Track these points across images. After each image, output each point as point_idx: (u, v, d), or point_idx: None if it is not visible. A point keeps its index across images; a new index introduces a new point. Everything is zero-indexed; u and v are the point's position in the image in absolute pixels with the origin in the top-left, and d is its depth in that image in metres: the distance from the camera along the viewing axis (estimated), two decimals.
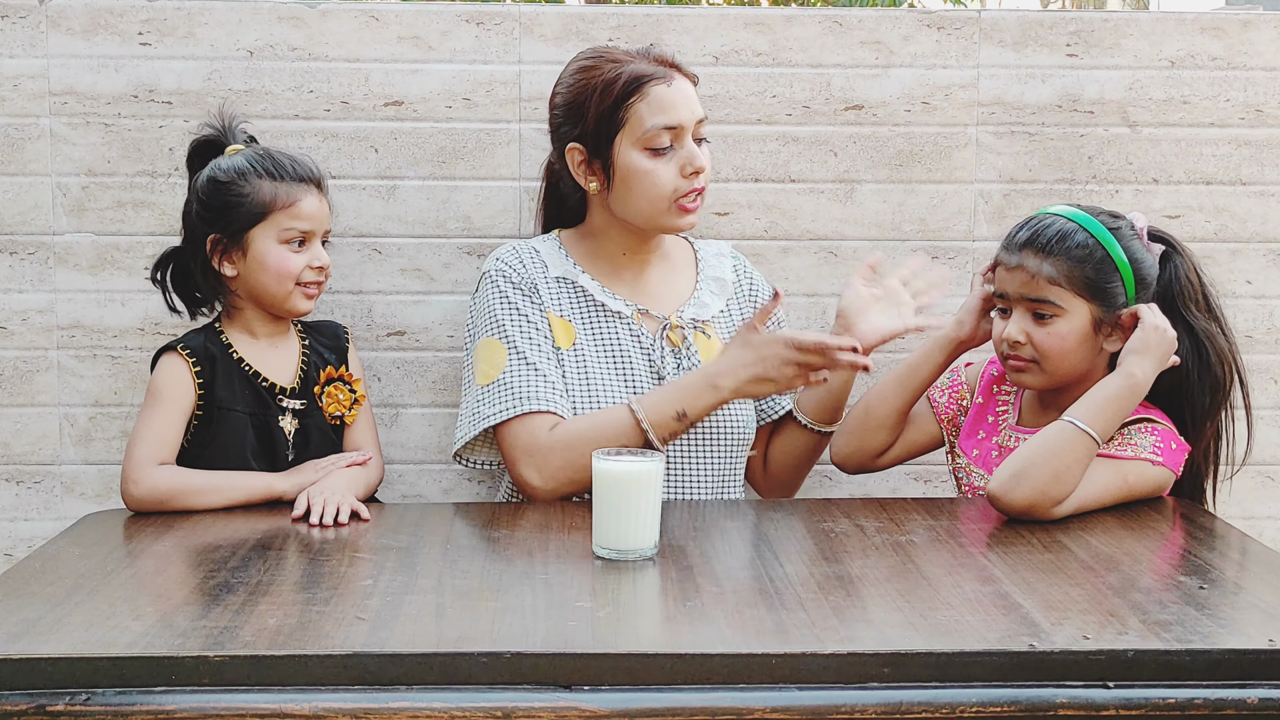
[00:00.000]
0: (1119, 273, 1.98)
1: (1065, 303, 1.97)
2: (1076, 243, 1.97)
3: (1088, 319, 1.98)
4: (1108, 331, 2.00)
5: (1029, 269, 1.98)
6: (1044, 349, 1.99)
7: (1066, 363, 2.00)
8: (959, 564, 1.68)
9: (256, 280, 2.11)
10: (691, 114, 2.10)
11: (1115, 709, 1.35)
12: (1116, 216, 2.04)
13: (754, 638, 1.40)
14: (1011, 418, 2.12)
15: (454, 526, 1.90)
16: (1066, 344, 1.98)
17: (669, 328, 2.16)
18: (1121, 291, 1.98)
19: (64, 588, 1.57)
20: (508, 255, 2.17)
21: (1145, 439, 1.96)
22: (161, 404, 2.08)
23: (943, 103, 2.49)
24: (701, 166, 2.10)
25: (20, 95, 2.42)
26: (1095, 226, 1.99)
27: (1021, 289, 1.99)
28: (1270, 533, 2.56)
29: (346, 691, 1.33)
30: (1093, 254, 1.97)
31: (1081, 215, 2.01)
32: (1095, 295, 1.97)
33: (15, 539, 2.49)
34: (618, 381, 2.12)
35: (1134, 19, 2.52)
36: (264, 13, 2.43)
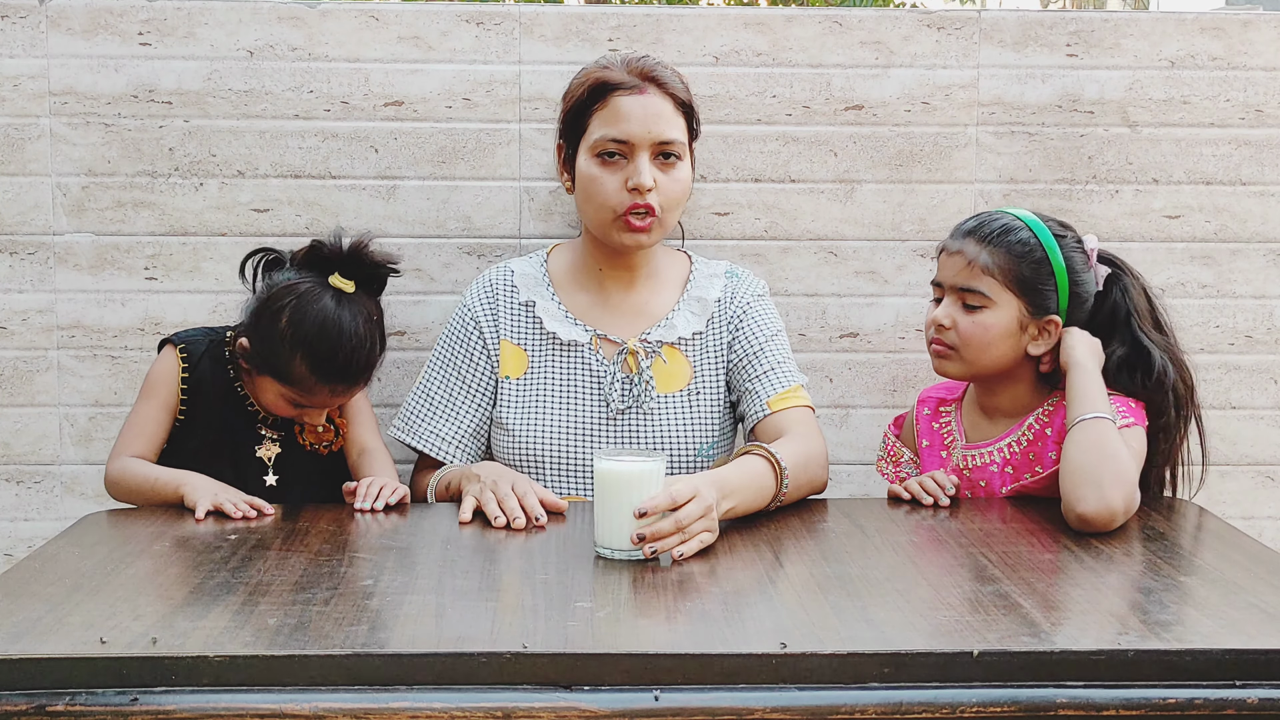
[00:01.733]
0: (1054, 277, 2.00)
1: (995, 295, 2.00)
2: (1018, 239, 2.00)
3: (1015, 315, 2.00)
4: (1034, 334, 2.01)
5: (967, 255, 2.01)
6: (966, 336, 2.01)
7: (986, 355, 2.01)
8: (959, 564, 1.68)
9: (255, 391, 2.13)
10: (647, 131, 2.07)
11: (1115, 709, 1.34)
12: (1066, 227, 2.07)
13: (754, 638, 1.40)
14: (959, 440, 2.12)
15: (454, 526, 1.90)
16: (989, 335, 2.00)
17: (626, 353, 2.15)
18: (1054, 296, 2.01)
19: (64, 588, 1.57)
20: (476, 288, 2.24)
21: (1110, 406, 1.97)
22: (147, 397, 2.13)
23: (943, 103, 2.49)
24: (642, 184, 2.06)
25: (20, 95, 2.42)
26: (1040, 229, 2.02)
27: (956, 276, 2.02)
28: (1270, 533, 2.56)
29: (346, 691, 1.33)
30: (1032, 252, 2.00)
31: (1030, 217, 2.04)
32: (1026, 292, 2.00)
33: (15, 539, 2.49)
34: (562, 413, 2.14)
35: (1134, 19, 2.52)
36: (264, 13, 2.43)
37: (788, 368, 2.17)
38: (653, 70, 2.11)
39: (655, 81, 2.10)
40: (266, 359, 2.05)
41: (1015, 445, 2.05)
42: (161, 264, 2.45)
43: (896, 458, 2.21)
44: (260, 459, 2.13)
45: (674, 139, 2.10)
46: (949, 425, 2.15)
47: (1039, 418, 2.04)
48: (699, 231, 2.48)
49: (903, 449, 2.21)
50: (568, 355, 2.17)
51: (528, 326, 2.20)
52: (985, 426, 2.10)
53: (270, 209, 2.45)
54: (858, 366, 2.52)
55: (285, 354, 2.02)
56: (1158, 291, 2.13)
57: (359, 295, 2.07)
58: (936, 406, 2.18)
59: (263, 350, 2.05)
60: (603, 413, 2.12)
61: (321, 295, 2.03)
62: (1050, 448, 2.00)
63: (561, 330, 2.17)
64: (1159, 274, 2.52)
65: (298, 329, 2.01)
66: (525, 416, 2.15)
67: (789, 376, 2.16)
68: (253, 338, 2.06)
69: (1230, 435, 2.56)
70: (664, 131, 2.08)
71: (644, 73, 2.10)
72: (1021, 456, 2.03)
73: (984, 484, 2.06)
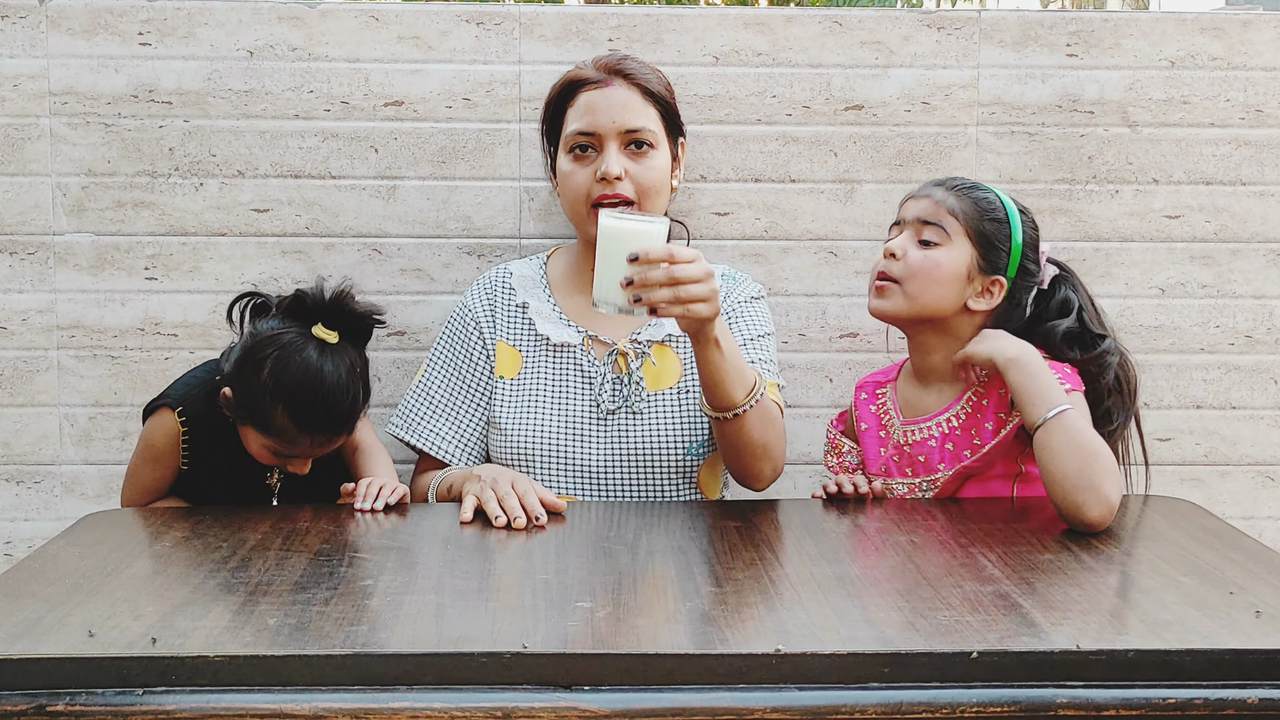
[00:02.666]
0: (1010, 241, 2.04)
1: (954, 234, 2.03)
2: (984, 196, 2.07)
3: (966, 261, 2.03)
4: (979, 288, 2.03)
5: (934, 197, 2.06)
6: (915, 268, 2.03)
7: (928, 292, 2.02)
8: (959, 564, 1.68)
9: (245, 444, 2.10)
10: (612, 121, 2.11)
11: (1115, 709, 1.34)
12: (1026, 212, 2.11)
13: (753, 638, 1.40)
14: (896, 419, 2.13)
15: (454, 526, 1.90)
16: (937, 272, 2.02)
17: (616, 354, 2.16)
18: (1005, 258, 2.04)
19: (64, 588, 1.57)
20: (476, 289, 2.27)
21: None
22: (148, 461, 2.14)
23: (943, 103, 2.49)
24: (609, 173, 2.09)
25: (20, 95, 2.42)
26: (1006, 201, 2.07)
27: (921, 212, 2.06)
28: (1270, 533, 2.56)
29: (346, 691, 1.33)
30: (995, 211, 2.05)
31: (998, 189, 2.10)
32: (982, 243, 2.03)
33: (15, 539, 2.49)
34: (554, 414, 2.15)
35: (1134, 19, 2.52)
36: (264, 13, 2.43)
37: (766, 368, 2.16)
38: (619, 64, 2.16)
39: (621, 74, 2.15)
40: (249, 409, 2.02)
41: (954, 419, 2.05)
42: (161, 264, 2.45)
43: (839, 449, 2.22)
44: (268, 487, 2.15)
45: (641, 126, 2.13)
46: (885, 404, 2.16)
47: (975, 390, 2.04)
48: (699, 231, 2.48)
49: (844, 440, 2.21)
50: (560, 357, 2.18)
51: (522, 328, 2.21)
52: (921, 398, 2.10)
53: (270, 209, 2.45)
54: (858, 366, 2.51)
55: (267, 405, 1.99)
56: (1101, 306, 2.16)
57: (342, 345, 2.04)
58: (873, 390, 2.20)
59: (245, 401, 2.02)
60: (594, 413, 2.13)
61: (304, 347, 2.00)
62: (988, 418, 2.00)
63: (554, 332, 2.18)
64: (1159, 274, 2.52)
65: (279, 380, 1.98)
66: (518, 416, 2.15)
67: (769, 374, 2.16)
68: (235, 388, 2.04)
69: (1230, 435, 2.56)
70: (629, 120, 2.12)
71: (610, 67, 2.16)
72: (962, 431, 2.03)
73: (923, 459, 2.06)
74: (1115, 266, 2.52)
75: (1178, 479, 2.56)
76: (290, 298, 2.06)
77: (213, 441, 2.11)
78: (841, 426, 2.24)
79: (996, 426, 1.99)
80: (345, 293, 2.07)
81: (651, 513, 1.98)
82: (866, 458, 2.15)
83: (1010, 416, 1.98)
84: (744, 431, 1.99)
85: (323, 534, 1.83)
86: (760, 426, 2.01)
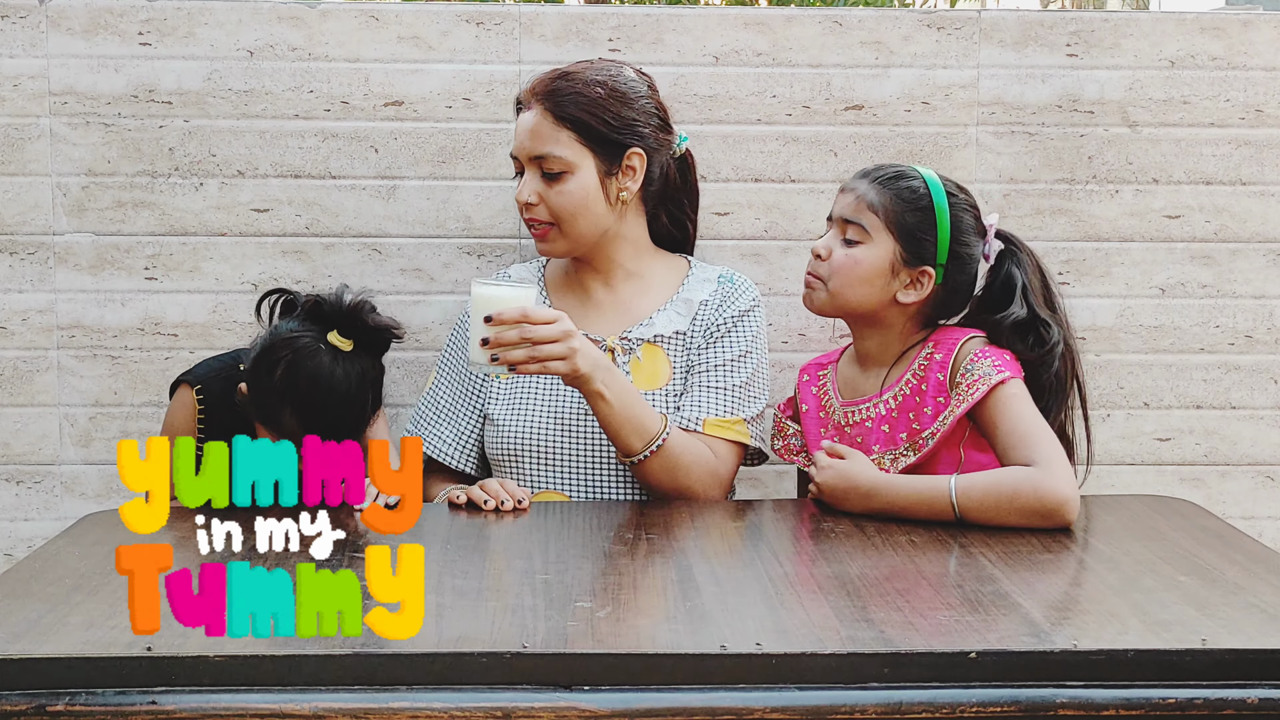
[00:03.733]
0: (936, 230, 2.02)
1: (874, 231, 2.03)
2: (908, 185, 2.05)
3: (888, 256, 2.02)
4: (906, 281, 2.03)
5: (858, 192, 2.06)
6: (836, 267, 2.04)
7: (852, 290, 2.04)
8: (959, 564, 1.68)
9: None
10: (521, 146, 2.14)
11: (1115, 709, 1.34)
12: (963, 191, 2.10)
13: (754, 638, 1.40)
14: (835, 400, 2.14)
15: (454, 526, 1.90)
16: (858, 270, 2.03)
17: (605, 350, 2.16)
18: (932, 248, 2.03)
19: (64, 588, 1.57)
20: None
21: (982, 365, 1.97)
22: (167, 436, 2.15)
23: (943, 103, 2.49)
24: (520, 199, 2.14)
25: (20, 95, 2.42)
26: (934, 184, 2.05)
27: (843, 209, 2.06)
28: (1270, 533, 2.56)
29: (346, 691, 1.33)
30: (918, 200, 2.04)
31: (929, 173, 2.08)
32: (903, 237, 2.03)
33: (15, 539, 2.49)
34: (544, 408, 2.16)
35: (1134, 19, 2.52)
36: (264, 13, 2.43)
37: (740, 395, 2.15)
38: (545, 86, 2.14)
39: (539, 96, 2.13)
40: (260, 407, 2.05)
41: (891, 401, 2.05)
42: (161, 264, 2.45)
43: (784, 431, 2.22)
44: None
45: (546, 153, 2.12)
46: (825, 386, 2.17)
47: (915, 373, 2.04)
48: (699, 231, 2.48)
49: (788, 423, 2.21)
50: None
51: None
52: (860, 380, 2.11)
53: (270, 209, 2.45)
54: None
55: (276, 405, 2.02)
56: (1053, 274, 2.13)
57: (357, 354, 2.05)
58: (815, 372, 2.21)
59: (257, 398, 2.05)
60: (582, 408, 2.12)
61: (317, 353, 2.01)
62: (926, 402, 2.01)
63: None
64: (1159, 274, 2.52)
65: (290, 383, 2.00)
66: (510, 410, 2.17)
67: (740, 406, 2.14)
68: (250, 384, 2.07)
69: (1230, 435, 2.56)
70: (535, 147, 2.12)
71: (534, 89, 2.15)
72: (899, 414, 2.03)
73: (860, 440, 2.06)
74: (1115, 266, 2.52)
75: (1178, 479, 2.55)
76: (311, 300, 2.07)
77: (226, 428, 2.11)
78: (789, 411, 2.25)
79: (935, 410, 1.98)
80: (363, 304, 2.07)
81: (651, 512, 1.98)
82: (807, 438, 2.16)
83: (950, 402, 1.97)
84: (649, 477, 2.05)
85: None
86: (666, 474, 2.04)
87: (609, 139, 2.14)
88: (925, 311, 2.07)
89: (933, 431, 1.98)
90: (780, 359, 2.51)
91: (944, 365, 2.00)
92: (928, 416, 2.00)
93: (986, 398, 1.93)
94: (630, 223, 2.21)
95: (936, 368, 2.01)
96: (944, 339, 2.05)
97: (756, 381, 2.18)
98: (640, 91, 2.18)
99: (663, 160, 2.22)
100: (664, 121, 2.21)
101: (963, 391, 1.96)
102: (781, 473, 2.53)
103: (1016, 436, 1.91)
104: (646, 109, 2.18)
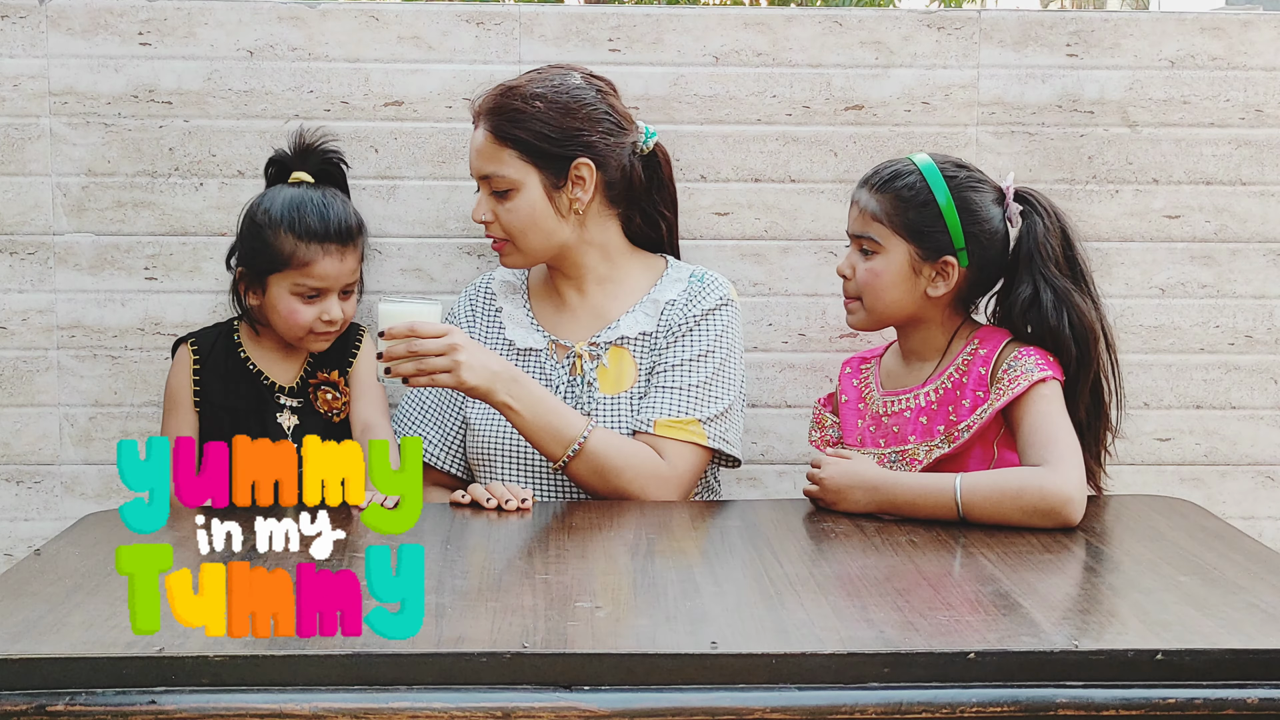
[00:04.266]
0: (943, 219, 2.01)
1: (885, 240, 2.03)
2: (905, 184, 2.03)
3: (906, 259, 2.02)
4: (930, 276, 2.03)
5: (860, 204, 2.06)
6: (862, 284, 2.05)
7: (883, 300, 2.05)
8: (959, 564, 1.68)
9: (270, 319, 2.22)
10: (471, 165, 2.17)
11: (1115, 709, 1.34)
12: (962, 166, 2.07)
13: (754, 638, 1.40)
14: (876, 391, 2.14)
15: (454, 526, 1.90)
16: (882, 280, 2.03)
17: (574, 356, 2.17)
18: (945, 238, 2.02)
19: (64, 588, 1.57)
20: (463, 296, 2.33)
21: (1025, 362, 1.97)
22: (170, 410, 2.26)
23: (943, 103, 2.49)
24: (475, 218, 2.17)
25: (20, 95, 2.42)
26: (931, 172, 2.04)
27: (853, 225, 2.07)
28: (1270, 533, 2.56)
29: (346, 691, 1.33)
30: (918, 196, 2.02)
31: (924, 160, 2.06)
32: (914, 236, 2.02)
33: (15, 539, 2.49)
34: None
35: (1134, 19, 2.52)
36: (264, 13, 2.43)
37: (698, 394, 2.12)
38: (488, 104, 2.14)
39: (483, 115, 2.14)
40: (260, 255, 2.17)
41: (933, 394, 2.05)
42: (161, 264, 2.45)
43: (822, 423, 2.22)
44: (281, 426, 2.21)
45: (490, 173, 2.13)
46: (867, 378, 2.17)
47: (958, 367, 2.04)
48: (699, 231, 2.48)
49: (827, 415, 2.21)
50: (525, 361, 2.19)
51: (496, 332, 2.24)
52: (903, 373, 2.12)
53: None
54: None
55: (271, 237, 2.16)
56: (1080, 234, 2.09)
57: (320, 185, 2.25)
58: (858, 365, 2.21)
59: (253, 251, 2.18)
60: None
61: (284, 187, 2.22)
62: (966, 395, 2.00)
63: (519, 337, 2.21)
64: (1159, 274, 2.52)
65: (272, 210, 2.18)
66: (485, 414, 2.17)
67: (696, 405, 2.11)
68: (244, 253, 2.20)
69: (1230, 435, 2.56)
70: (481, 167, 2.15)
71: (480, 107, 2.16)
72: (939, 406, 2.04)
73: (896, 430, 2.06)
74: (1115, 266, 2.52)
75: (1178, 479, 2.55)
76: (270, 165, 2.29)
77: (222, 376, 2.21)
78: (829, 406, 2.25)
79: (974, 404, 1.98)
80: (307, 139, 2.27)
81: (651, 513, 1.98)
82: (845, 429, 2.16)
83: (989, 396, 1.97)
84: (579, 480, 2.07)
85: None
86: (596, 477, 2.05)
87: (550, 153, 2.12)
88: (963, 294, 2.07)
89: (969, 424, 1.98)
90: (780, 359, 2.52)
91: (987, 360, 2.00)
92: (965, 409, 2.00)
93: (1021, 395, 1.94)
94: (596, 228, 2.19)
95: (980, 362, 2.01)
96: (990, 336, 2.05)
97: (719, 381, 2.14)
98: (585, 99, 2.14)
99: (621, 162, 2.18)
100: (617, 124, 2.17)
101: (1003, 386, 1.96)
102: (781, 473, 2.53)
103: (1037, 436, 1.91)
104: (594, 115, 2.14)
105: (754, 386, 2.51)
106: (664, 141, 2.33)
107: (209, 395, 2.23)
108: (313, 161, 2.27)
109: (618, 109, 2.19)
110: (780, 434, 2.53)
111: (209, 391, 2.23)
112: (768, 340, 2.51)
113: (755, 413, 2.51)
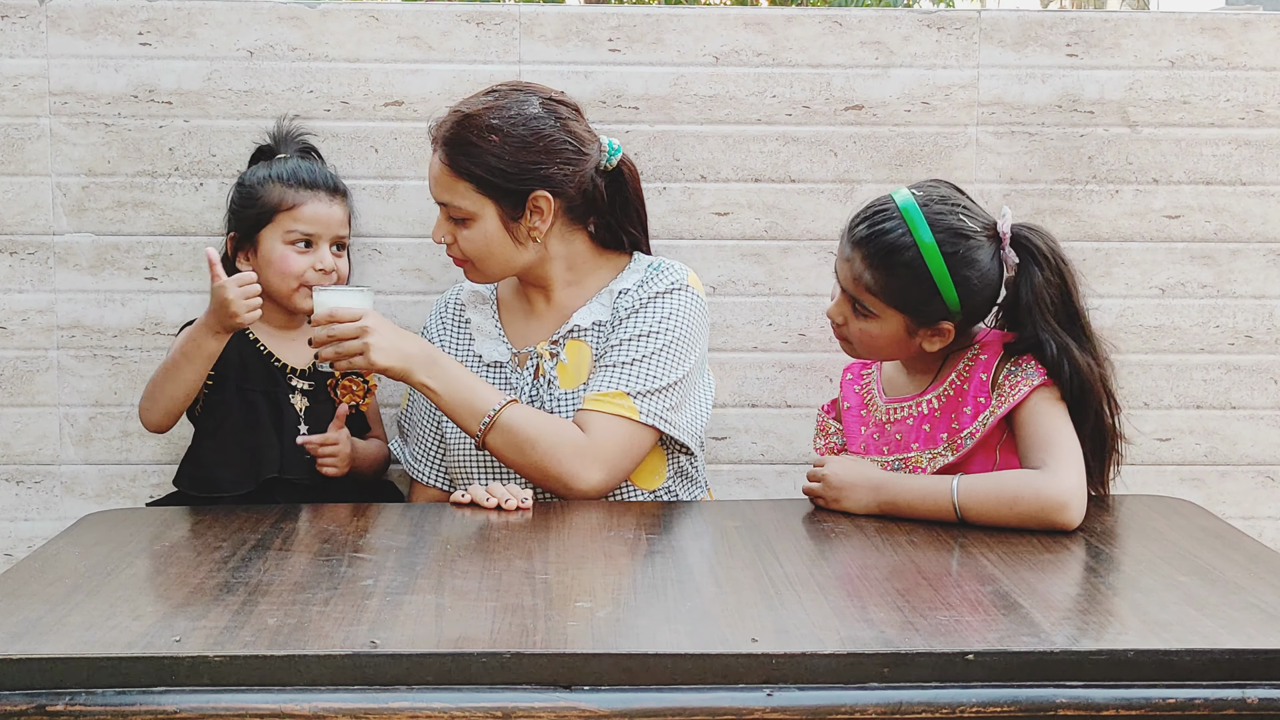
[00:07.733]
0: (940, 293, 1.96)
1: (879, 310, 2.00)
2: (903, 261, 1.96)
3: (900, 326, 2.01)
4: (926, 335, 2.01)
5: (854, 269, 2.00)
6: (857, 338, 2.05)
7: (879, 354, 2.08)
8: (959, 564, 1.68)
9: (265, 278, 2.19)
10: (429, 188, 2.15)
11: (1115, 709, 1.35)
12: (954, 212, 1.98)
13: (754, 638, 1.40)
14: (879, 398, 2.14)
15: (454, 526, 1.90)
16: (877, 342, 2.04)
17: (536, 358, 2.17)
18: (941, 307, 1.97)
19: (64, 588, 1.57)
20: (435, 308, 2.33)
21: (1026, 368, 1.97)
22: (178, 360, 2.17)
23: (943, 103, 2.49)
24: (434, 239, 2.17)
25: (20, 95, 2.42)
26: (926, 249, 1.95)
27: (846, 283, 2.03)
28: (1270, 533, 2.56)
29: (346, 691, 1.33)
30: (916, 275, 1.96)
31: (922, 226, 1.96)
32: (909, 310, 1.99)
33: (15, 539, 2.49)
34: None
35: (1134, 19, 2.52)
36: (264, 13, 2.43)
37: (632, 370, 2.08)
38: (444, 132, 2.11)
39: (439, 143, 2.12)
40: (249, 210, 2.23)
41: (935, 401, 2.04)
42: (161, 264, 2.45)
43: (826, 430, 2.22)
44: (293, 407, 2.23)
45: (447, 202, 2.12)
46: (869, 384, 2.17)
47: (959, 373, 2.03)
48: (699, 231, 2.48)
49: (831, 422, 2.22)
50: (494, 374, 2.20)
51: (466, 345, 2.25)
52: (904, 380, 2.12)
53: None
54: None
55: (259, 192, 2.23)
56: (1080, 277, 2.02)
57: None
58: (859, 371, 2.21)
59: (244, 211, 2.24)
60: None
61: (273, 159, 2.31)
62: (968, 402, 2.00)
63: (487, 350, 2.21)
64: (1159, 274, 2.52)
65: (259, 171, 2.26)
66: (458, 433, 2.16)
67: (628, 380, 2.07)
68: (234, 217, 2.27)
69: (1230, 435, 2.56)
70: (439, 194, 2.14)
71: (436, 133, 2.13)
72: (941, 414, 2.03)
73: (899, 437, 2.07)
74: (1115, 266, 2.52)
75: (1178, 479, 2.56)
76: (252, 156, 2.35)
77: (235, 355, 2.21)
78: (833, 412, 2.25)
79: (975, 411, 1.98)
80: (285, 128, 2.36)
81: (651, 512, 1.98)
82: (848, 436, 2.16)
83: (990, 403, 1.97)
84: (498, 455, 2.07)
85: (323, 534, 1.84)
86: (513, 450, 2.04)
87: (506, 189, 2.09)
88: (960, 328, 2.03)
89: (971, 432, 1.97)
90: (780, 359, 2.52)
91: (988, 366, 1.99)
92: (968, 417, 1.99)
93: (1023, 400, 1.94)
94: (560, 244, 2.17)
95: (980, 368, 2.00)
96: (990, 341, 2.04)
97: (661, 360, 2.09)
98: (543, 129, 2.09)
99: (584, 185, 2.13)
100: (577, 150, 2.11)
101: (1005, 393, 1.96)
102: (781, 473, 2.53)
103: (1037, 440, 1.91)
104: (551, 147, 2.09)
105: (754, 386, 2.51)
106: (664, 141, 2.33)
107: (225, 370, 2.19)
108: (292, 147, 2.34)
109: (577, 134, 2.13)
110: (780, 434, 2.53)
111: (225, 365, 2.18)
112: (768, 340, 2.51)
113: (755, 413, 2.51)
